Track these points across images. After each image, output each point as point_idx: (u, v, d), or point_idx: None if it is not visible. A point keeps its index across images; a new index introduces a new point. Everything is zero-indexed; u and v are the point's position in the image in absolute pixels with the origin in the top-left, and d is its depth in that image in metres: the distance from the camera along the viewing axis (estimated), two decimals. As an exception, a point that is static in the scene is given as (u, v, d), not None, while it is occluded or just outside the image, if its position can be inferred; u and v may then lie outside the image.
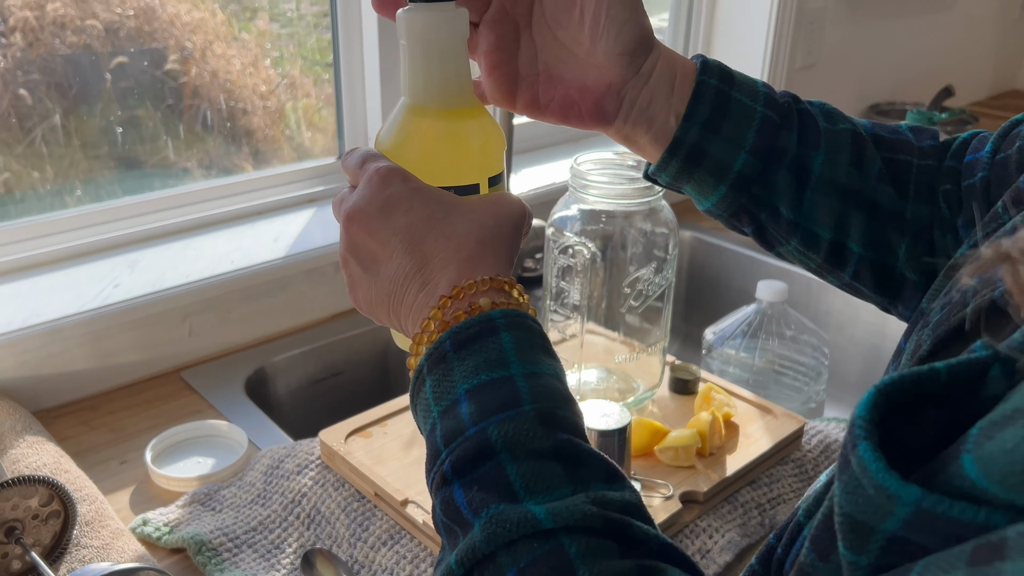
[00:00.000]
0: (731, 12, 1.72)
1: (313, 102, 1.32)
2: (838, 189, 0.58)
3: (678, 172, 0.57)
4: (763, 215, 0.58)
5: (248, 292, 1.10)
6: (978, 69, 2.42)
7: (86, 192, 1.10)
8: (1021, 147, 0.55)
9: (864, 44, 1.94)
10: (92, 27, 1.08)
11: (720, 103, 0.55)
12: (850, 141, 0.59)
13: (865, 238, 0.59)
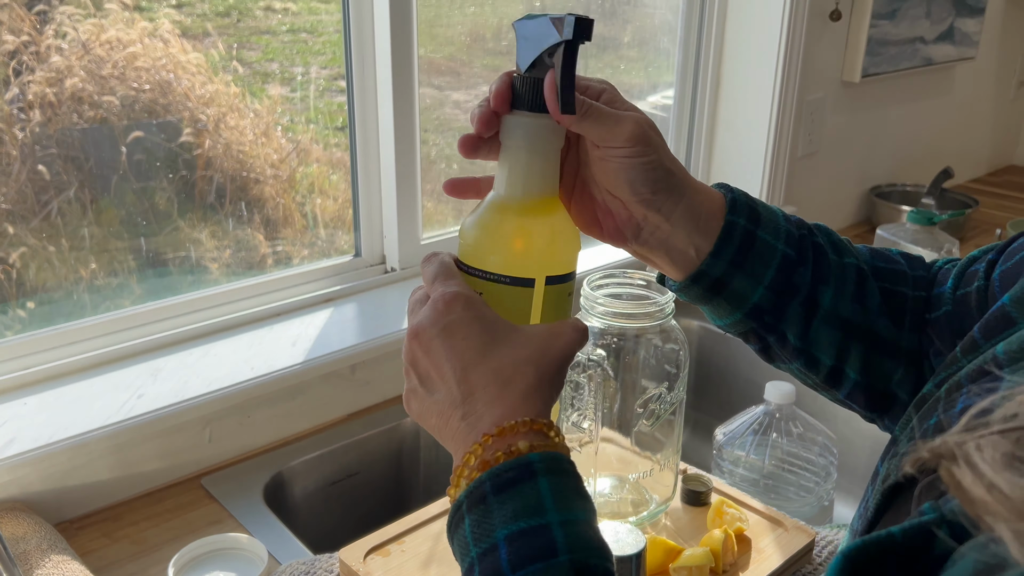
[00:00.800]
0: (734, 102, 1.77)
1: (323, 168, 1.35)
2: (842, 323, 0.62)
3: (698, 296, 0.61)
4: (771, 339, 0.63)
5: (267, 397, 1.12)
6: (976, 147, 2.47)
7: (100, 267, 1.13)
8: (979, 287, 0.60)
9: (864, 130, 1.99)
10: (109, 102, 1.12)
11: (746, 242, 0.60)
12: (855, 276, 0.63)
13: (862, 366, 0.63)
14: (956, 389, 0.48)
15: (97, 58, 1.11)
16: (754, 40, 1.70)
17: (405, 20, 1.24)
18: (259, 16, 1.22)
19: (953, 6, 2.03)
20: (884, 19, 1.84)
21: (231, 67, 1.21)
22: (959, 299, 0.62)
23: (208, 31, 1.18)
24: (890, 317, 0.64)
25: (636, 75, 1.76)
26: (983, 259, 0.62)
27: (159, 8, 1.13)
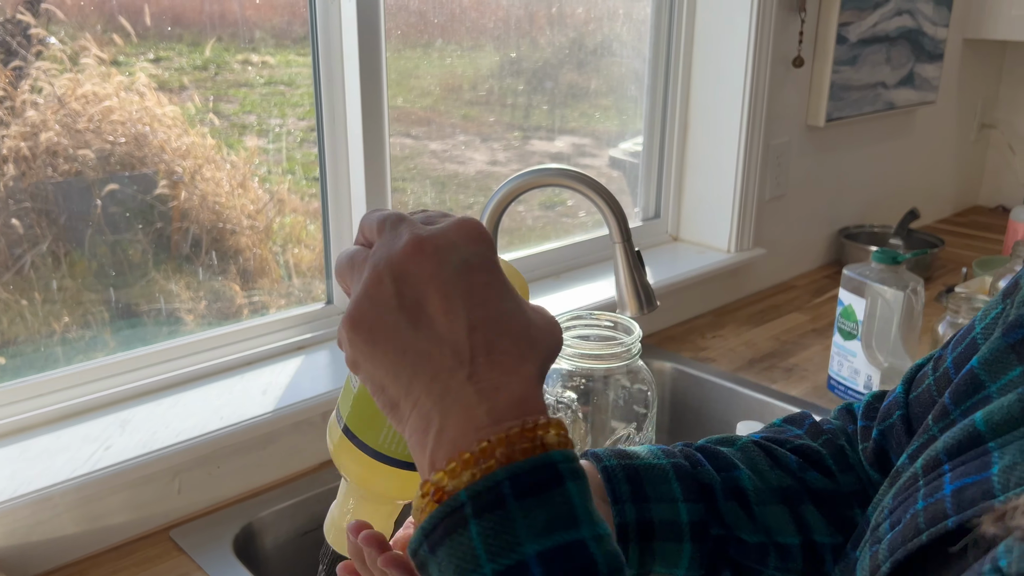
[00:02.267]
0: (701, 147, 1.81)
1: (300, 218, 1.36)
2: (776, 494, 0.61)
3: (640, 556, 0.58)
4: (731, 551, 0.60)
5: (237, 447, 1.11)
6: (941, 188, 2.53)
7: (73, 320, 1.12)
8: (929, 385, 0.60)
9: (830, 173, 2.03)
10: (84, 156, 1.12)
11: (632, 475, 0.58)
12: (756, 449, 0.63)
13: (826, 526, 0.61)
14: (935, 466, 0.47)
15: (72, 112, 1.12)
16: (719, 87, 1.74)
17: (375, 71, 1.26)
18: (237, 69, 1.24)
19: (912, 52, 2.09)
20: (845, 65, 1.89)
21: (207, 119, 1.22)
22: (912, 401, 0.62)
23: (184, 84, 1.19)
24: (817, 470, 0.63)
25: (611, 122, 1.80)
26: (928, 364, 0.63)
27: (136, 63, 1.15)
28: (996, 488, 0.41)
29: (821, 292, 1.90)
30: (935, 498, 0.44)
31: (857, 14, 1.87)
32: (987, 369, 0.50)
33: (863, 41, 1.91)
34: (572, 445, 0.40)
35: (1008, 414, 0.45)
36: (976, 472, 0.43)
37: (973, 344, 0.56)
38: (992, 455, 0.44)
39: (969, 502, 0.42)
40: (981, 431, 0.45)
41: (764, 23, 1.67)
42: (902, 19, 2.02)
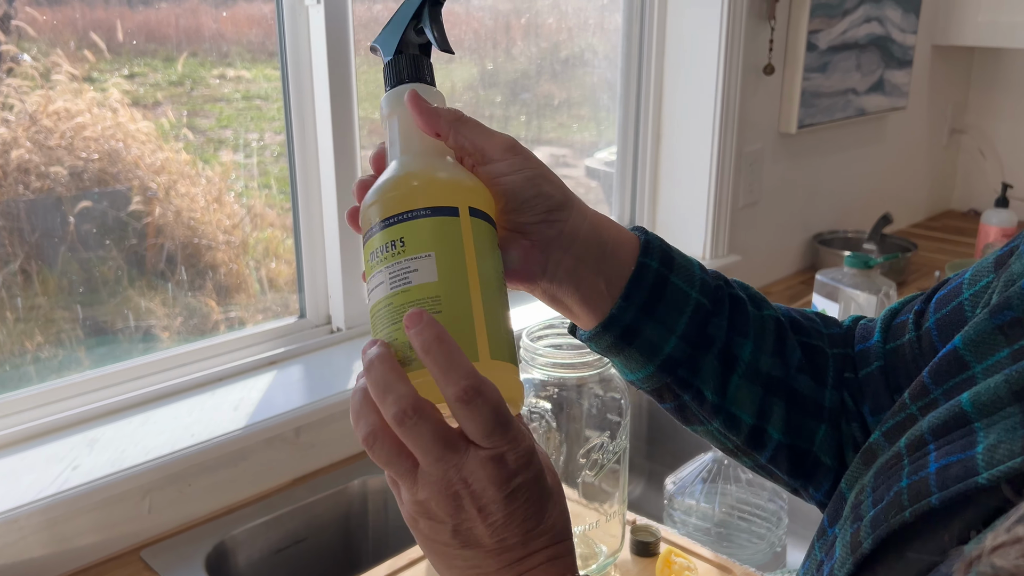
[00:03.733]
0: (674, 156, 1.81)
1: (277, 232, 1.35)
2: (762, 378, 0.60)
3: (610, 346, 0.58)
4: (687, 396, 0.60)
5: (208, 464, 1.10)
6: (914, 194, 2.55)
7: (46, 339, 1.10)
8: (911, 339, 0.59)
9: (803, 179, 2.04)
10: (56, 173, 1.11)
11: (658, 287, 0.57)
12: (774, 329, 0.61)
13: (785, 425, 0.61)
14: (920, 445, 0.47)
15: (44, 129, 1.10)
16: (691, 95, 1.75)
17: (344, 81, 1.26)
18: (212, 84, 1.23)
19: (882, 59, 2.11)
20: (816, 72, 1.90)
21: (182, 134, 1.21)
22: (890, 352, 0.61)
23: (159, 100, 1.18)
24: (811, 374, 0.62)
25: (588, 132, 1.80)
26: (907, 310, 0.62)
27: (110, 78, 1.13)
28: (980, 465, 0.42)
29: (797, 297, 1.91)
30: (919, 476, 0.45)
31: (826, 21, 1.88)
32: (972, 349, 0.49)
33: (833, 48, 1.93)
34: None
35: (995, 394, 0.45)
36: (961, 451, 0.44)
37: (959, 312, 0.55)
38: (978, 434, 0.44)
39: (953, 479, 0.42)
40: (967, 411, 0.45)
41: (734, 31, 1.68)
42: (871, 26, 2.04)
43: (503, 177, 0.52)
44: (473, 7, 1.50)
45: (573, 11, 1.67)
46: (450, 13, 1.47)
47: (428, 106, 0.52)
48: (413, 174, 0.50)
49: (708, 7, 1.68)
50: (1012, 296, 0.48)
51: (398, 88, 0.54)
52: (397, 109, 0.53)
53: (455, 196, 0.49)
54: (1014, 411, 0.44)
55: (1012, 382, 0.45)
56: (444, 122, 0.52)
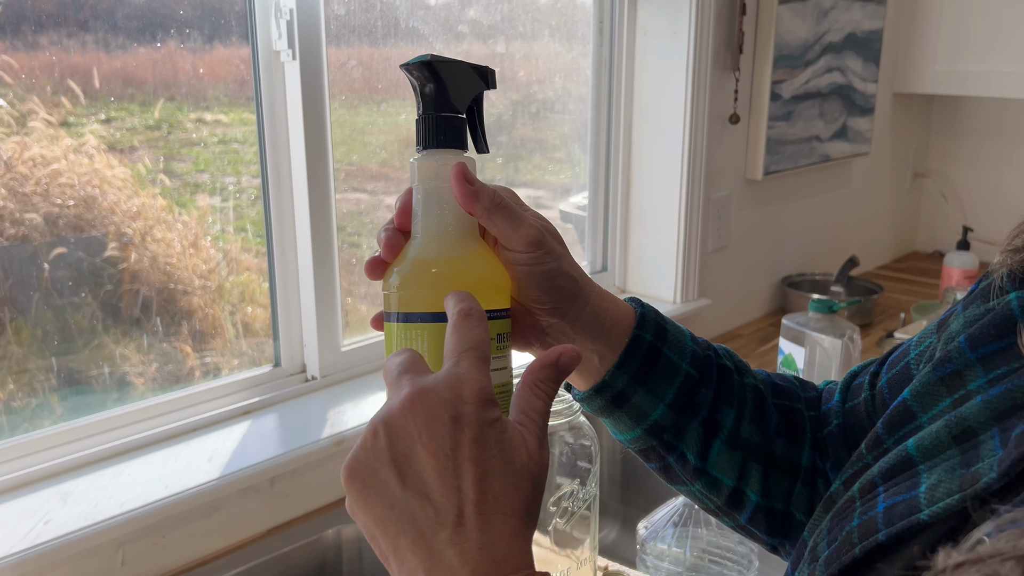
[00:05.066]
0: (644, 202, 1.85)
1: (254, 276, 1.35)
2: (742, 443, 0.64)
3: (600, 408, 0.62)
4: (671, 458, 0.64)
5: (182, 516, 1.10)
6: (879, 236, 2.61)
7: (19, 387, 1.10)
8: (866, 398, 0.64)
9: (771, 224, 2.09)
10: (31, 220, 1.11)
11: (651, 358, 0.61)
12: (754, 396, 0.65)
13: (762, 487, 0.64)
14: (870, 488, 0.50)
15: (20, 176, 1.11)
16: (659, 144, 1.80)
17: (320, 135, 1.28)
18: (189, 128, 1.25)
19: (844, 107, 2.17)
20: (780, 120, 1.96)
21: (158, 179, 1.23)
22: (848, 411, 0.65)
23: (135, 145, 1.19)
24: (787, 436, 0.66)
25: (564, 175, 1.84)
26: (864, 373, 0.66)
27: (87, 124, 1.15)
28: (922, 503, 0.45)
29: (766, 340, 1.94)
30: (868, 516, 0.48)
31: (789, 72, 1.95)
32: (919, 400, 0.53)
33: (796, 97, 1.99)
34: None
35: (937, 439, 0.48)
36: (906, 491, 0.47)
37: (907, 370, 0.60)
38: (921, 476, 0.47)
39: (898, 517, 0.46)
40: (912, 455, 0.49)
41: (700, 83, 1.74)
42: (832, 76, 2.10)
43: (521, 267, 0.55)
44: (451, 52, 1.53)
45: (548, 56, 1.71)
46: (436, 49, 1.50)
47: (470, 188, 0.53)
48: (427, 270, 0.52)
49: (673, 60, 1.73)
50: (951, 351, 0.52)
51: (444, 155, 0.54)
52: (436, 178, 0.54)
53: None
54: (953, 453, 0.47)
55: (951, 427, 0.48)
56: (481, 208, 0.53)
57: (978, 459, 0.45)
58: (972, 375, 0.50)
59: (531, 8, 1.63)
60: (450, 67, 0.54)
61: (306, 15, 1.23)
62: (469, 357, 0.46)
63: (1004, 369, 0.49)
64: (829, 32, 2.04)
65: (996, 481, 0.43)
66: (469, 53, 1.57)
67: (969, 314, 0.54)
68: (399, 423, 0.43)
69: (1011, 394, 0.47)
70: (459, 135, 0.55)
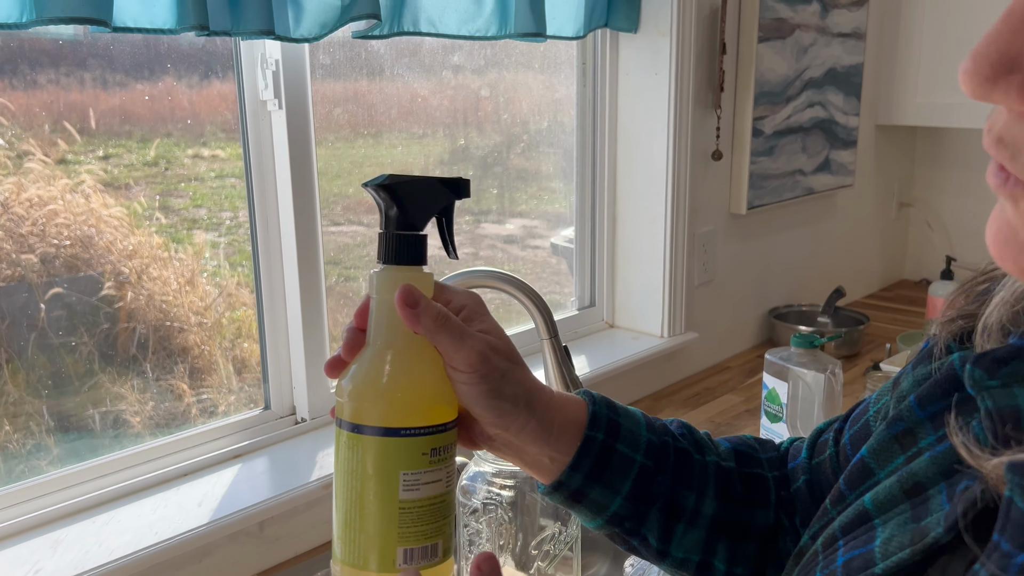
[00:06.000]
0: (630, 239, 1.88)
1: (251, 312, 1.36)
2: (706, 520, 0.66)
3: (561, 502, 0.65)
4: (635, 541, 0.66)
5: (173, 562, 1.11)
6: (866, 266, 2.63)
7: (14, 429, 1.11)
8: (831, 454, 0.66)
9: (757, 257, 2.12)
10: (28, 260, 1.12)
11: (604, 456, 0.63)
12: (715, 473, 0.68)
13: (729, 556, 0.66)
14: (832, 542, 0.52)
15: (16, 216, 1.12)
16: (643, 181, 1.83)
17: (306, 176, 1.31)
18: (187, 164, 1.26)
19: (827, 140, 2.21)
20: (763, 155, 1.99)
21: (155, 217, 1.24)
22: (815, 467, 0.68)
23: (131, 183, 1.20)
24: (751, 503, 0.68)
25: (559, 205, 1.87)
26: (829, 430, 0.69)
27: (84, 161, 1.16)
28: (877, 557, 0.47)
29: (753, 372, 1.96)
30: (829, 569, 0.50)
31: (770, 108, 1.98)
32: (875, 457, 0.55)
33: (778, 133, 2.02)
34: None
35: (890, 493, 0.51)
36: (863, 545, 0.49)
37: (866, 426, 0.62)
38: (876, 529, 0.50)
39: (855, 571, 0.48)
40: (869, 509, 0.51)
41: (682, 121, 1.77)
42: (814, 110, 2.14)
43: (461, 385, 0.58)
44: (446, 84, 1.57)
45: (541, 89, 1.75)
46: (423, 89, 1.53)
47: (413, 311, 0.56)
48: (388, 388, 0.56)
49: (656, 99, 1.77)
50: (903, 410, 0.55)
51: (399, 271, 0.57)
52: (389, 293, 0.56)
53: (409, 417, 0.55)
54: (905, 508, 0.49)
55: (903, 481, 0.50)
56: (424, 329, 0.56)
57: (927, 513, 0.47)
58: (923, 433, 0.53)
59: (515, 51, 1.67)
60: (410, 186, 0.57)
61: (291, 65, 1.26)
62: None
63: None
64: (809, 68, 2.08)
65: (943, 535, 0.45)
66: (467, 82, 1.60)
67: (917, 374, 0.57)
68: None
69: (956, 451, 0.49)
70: (416, 252, 0.57)
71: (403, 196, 0.57)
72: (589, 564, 1.46)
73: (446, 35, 1.36)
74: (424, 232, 0.58)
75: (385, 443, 0.55)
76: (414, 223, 0.57)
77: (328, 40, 1.24)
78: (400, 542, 0.55)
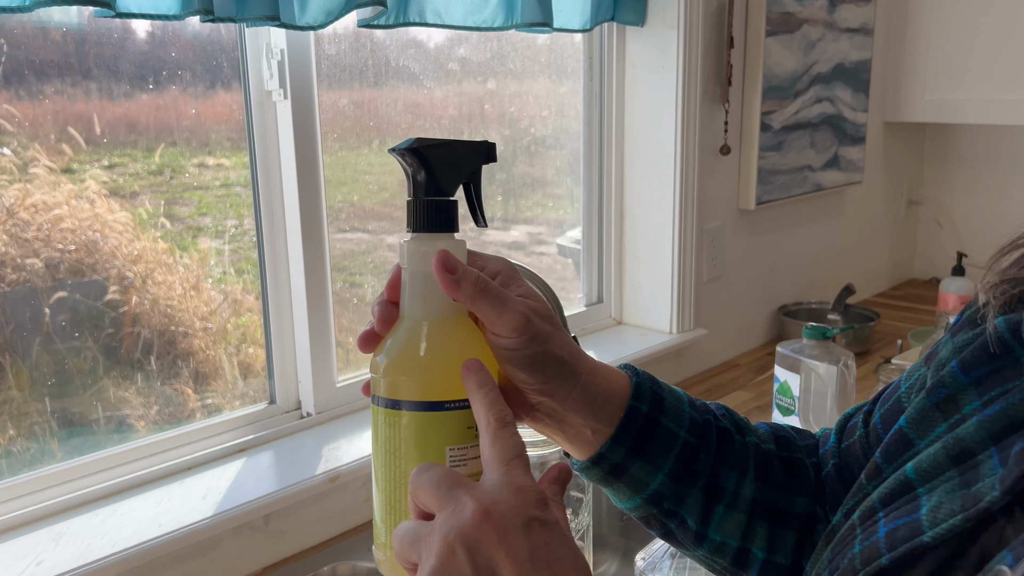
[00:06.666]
0: (638, 235, 1.86)
1: (256, 317, 1.36)
2: (746, 504, 0.63)
3: (599, 479, 0.62)
4: (672, 524, 0.63)
5: (176, 555, 1.09)
6: (876, 264, 2.61)
7: (19, 432, 1.10)
8: (860, 436, 0.64)
9: (766, 253, 2.10)
10: (32, 265, 1.12)
11: (647, 429, 0.61)
12: (757, 454, 0.65)
13: (768, 543, 0.64)
14: (871, 515, 0.50)
15: (21, 222, 1.12)
16: (651, 176, 1.81)
17: (312, 171, 1.30)
18: (192, 172, 1.26)
19: (835, 136, 2.19)
20: (771, 151, 1.97)
21: (160, 223, 1.24)
22: (844, 450, 0.66)
23: (136, 190, 1.20)
24: (791, 488, 0.66)
25: (564, 210, 1.85)
26: (858, 413, 0.67)
27: (89, 170, 1.16)
28: (924, 525, 0.45)
29: (764, 369, 1.94)
30: (870, 541, 0.48)
31: (779, 103, 1.97)
32: (915, 427, 0.54)
33: (787, 128, 2.01)
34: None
35: (934, 461, 0.49)
36: (907, 515, 0.47)
37: (898, 403, 0.60)
38: (921, 499, 0.48)
39: (901, 540, 0.46)
40: (911, 479, 0.50)
41: (690, 115, 1.75)
42: (822, 106, 2.12)
43: (506, 351, 0.56)
44: (450, 91, 1.56)
45: (545, 94, 1.74)
46: (428, 96, 1.52)
47: (451, 277, 0.54)
48: (427, 361, 0.54)
49: (663, 93, 1.75)
50: (944, 376, 0.53)
51: (432, 239, 0.55)
52: (423, 263, 0.54)
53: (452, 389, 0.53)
54: (952, 474, 0.48)
55: (949, 448, 0.49)
56: (464, 295, 0.54)
57: (978, 479, 0.46)
58: (966, 398, 0.51)
59: (520, 46, 1.66)
60: (438, 150, 0.55)
61: (297, 55, 1.25)
62: (519, 464, 0.48)
63: (998, 391, 0.49)
64: (817, 63, 2.06)
65: (999, 499, 0.43)
66: (472, 90, 1.59)
67: (958, 340, 0.55)
68: (475, 536, 0.45)
69: (1006, 413, 0.47)
70: (447, 218, 0.56)
71: (432, 160, 0.55)
72: (599, 562, 1.45)
73: (452, 26, 1.35)
74: (455, 198, 0.56)
75: (428, 418, 0.53)
76: (444, 188, 0.55)
77: (334, 36, 1.23)
78: None
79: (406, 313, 0.55)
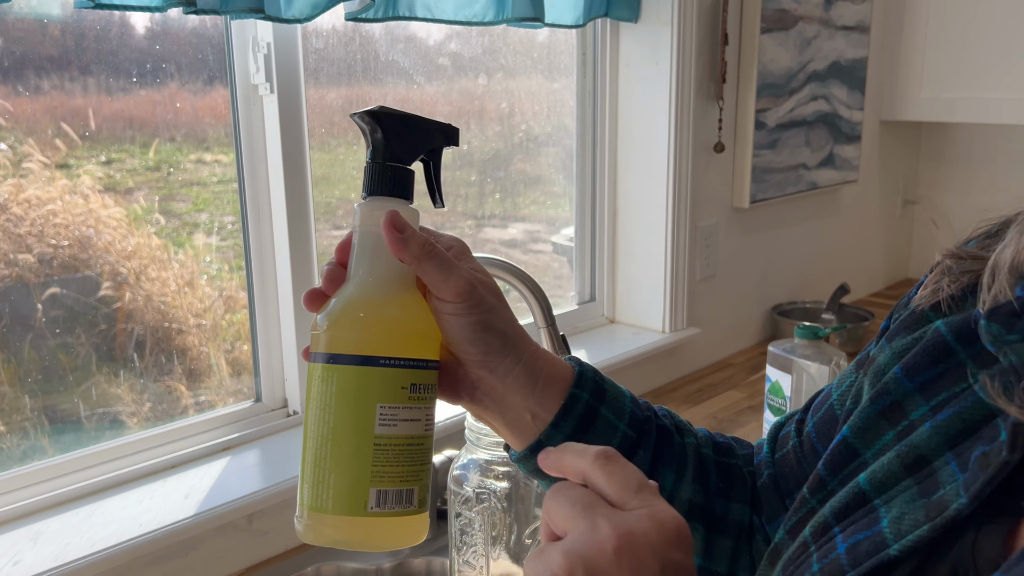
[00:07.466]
0: (631, 234, 1.85)
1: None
2: (683, 505, 0.62)
3: (535, 469, 0.60)
4: None
5: (157, 555, 1.08)
6: (870, 263, 2.60)
7: (10, 428, 1.09)
8: (794, 445, 0.63)
9: (760, 252, 2.08)
10: (25, 260, 1.11)
11: (587, 418, 0.60)
12: (695, 456, 0.65)
13: (704, 549, 0.63)
14: (825, 531, 0.49)
15: (14, 217, 1.11)
16: (644, 174, 1.80)
17: (299, 167, 1.28)
18: (189, 168, 1.25)
19: (830, 134, 2.18)
20: (766, 149, 1.96)
21: (154, 219, 1.23)
22: (778, 461, 0.65)
23: (132, 186, 1.19)
24: (727, 495, 0.65)
25: (561, 208, 1.84)
26: (790, 423, 0.66)
27: (84, 165, 1.15)
28: (888, 538, 0.44)
29: (756, 369, 1.92)
30: (829, 559, 0.46)
31: (773, 101, 1.95)
32: (860, 437, 0.52)
33: (781, 126, 1.99)
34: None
35: (888, 471, 0.47)
36: (866, 528, 0.46)
37: (831, 411, 0.60)
38: (879, 511, 0.46)
39: (864, 555, 0.44)
40: (865, 490, 0.48)
41: (683, 112, 1.74)
42: (817, 104, 2.11)
43: (448, 316, 0.55)
44: (441, 87, 1.54)
45: (538, 91, 1.72)
46: (419, 92, 1.51)
47: (399, 235, 0.53)
48: (368, 317, 0.53)
49: (657, 90, 1.74)
50: (888, 382, 0.52)
51: (379, 203, 0.55)
52: (373, 224, 0.55)
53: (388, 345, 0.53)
54: (909, 483, 0.46)
55: (903, 456, 0.47)
56: (410, 255, 0.54)
57: (938, 486, 0.44)
58: (912, 404, 0.50)
59: (513, 41, 1.64)
60: (399, 120, 0.55)
61: (283, 49, 1.24)
62: (650, 493, 0.44)
63: (945, 395, 0.48)
64: (813, 61, 2.05)
65: (967, 506, 0.42)
66: (470, 88, 1.57)
67: (896, 346, 0.54)
68: (603, 566, 0.41)
69: (960, 417, 0.46)
70: (402, 185, 0.56)
71: (391, 126, 0.55)
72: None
73: (442, 20, 1.33)
74: (411, 168, 0.56)
75: (362, 372, 0.52)
76: (401, 156, 0.55)
77: (322, 30, 1.21)
78: (373, 482, 0.52)
79: (352, 274, 0.55)
